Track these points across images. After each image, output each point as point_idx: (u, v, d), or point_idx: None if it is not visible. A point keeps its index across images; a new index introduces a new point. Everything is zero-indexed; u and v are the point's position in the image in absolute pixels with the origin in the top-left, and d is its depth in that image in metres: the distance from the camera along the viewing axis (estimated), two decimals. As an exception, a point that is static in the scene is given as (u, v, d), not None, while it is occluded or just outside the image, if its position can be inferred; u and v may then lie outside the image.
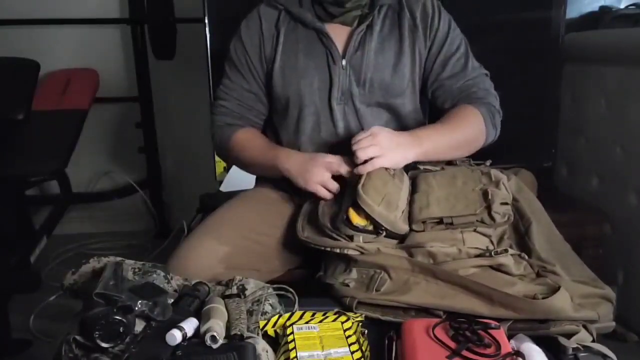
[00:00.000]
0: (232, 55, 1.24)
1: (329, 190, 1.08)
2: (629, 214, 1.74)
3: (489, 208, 0.98)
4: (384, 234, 0.97)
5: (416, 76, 1.21)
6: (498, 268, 0.94)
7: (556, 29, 1.88)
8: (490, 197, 0.99)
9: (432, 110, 1.33)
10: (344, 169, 1.06)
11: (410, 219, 1.01)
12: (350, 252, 0.98)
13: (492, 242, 0.99)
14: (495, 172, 1.07)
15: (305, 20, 1.17)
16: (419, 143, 1.08)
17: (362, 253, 0.97)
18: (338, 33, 1.18)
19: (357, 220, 0.98)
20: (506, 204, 1.01)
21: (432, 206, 1.00)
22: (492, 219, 0.98)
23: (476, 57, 1.27)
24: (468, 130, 1.15)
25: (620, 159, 1.78)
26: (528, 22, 1.91)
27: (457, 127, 1.14)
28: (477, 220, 0.98)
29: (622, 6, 2.17)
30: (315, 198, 1.10)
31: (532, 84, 1.95)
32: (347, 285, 0.95)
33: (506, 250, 0.94)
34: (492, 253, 0.94)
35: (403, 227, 0.99)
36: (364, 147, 1.02)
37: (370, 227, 0.98)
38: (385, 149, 1.02)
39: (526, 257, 0.97)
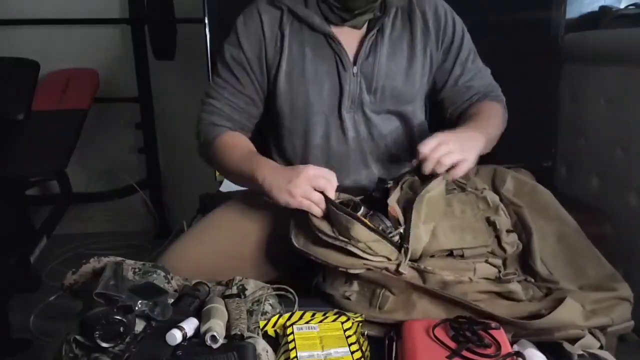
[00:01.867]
0: (226, 56, 1.14)
1: (317, 205, 0.94)
2: (629, 214, 1.74)
3: (498, 238, 0.96)
4: (405, 252, 0.89)
5: (425, 80, 1.18)
6: (507, 296, 0.90)
7: (556, 29, 1.88)
8: (498, 226, 0.96)
9: (432, 112, 1.32)
10: (330, 188, 0.94)
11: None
12: (355, 271, 0.90)
13: (500, 272, 0.95)
14: (491, 196, 1.02)
15: (313, 24, 1.10)
16: (482, 137, 1.04)
17: (368, 269, 0.89)
18: (347, 37, 1.12)
19: (395, 213, 0.93)
20: (512, 231, 0.99)
21: (440, 238, 0.94)
22: (503, 249, 0.95)
23: (476, 58, 1.27)
24: (499, 125, 1.15)
25: (620, 159, 1.78)
26: (528, 22, 1.91)
27: (494, 122, 1.12)
28: (488, 252, 0.95)
29: (622, 6, 2.17)
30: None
31: (532, 84, 1.95)
32: (348, 299, 0.93)
33: (514, 274, 0.92)
34: (502, 276, 0.91)
35: (418, 255, 0.94)
36: (447, 154, 0.95)
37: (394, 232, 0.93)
38: (464, 152, 0.97)
39: (532, 280, 0.95)
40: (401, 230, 0.92)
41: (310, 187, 0.93)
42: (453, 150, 0.96)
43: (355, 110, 1.13)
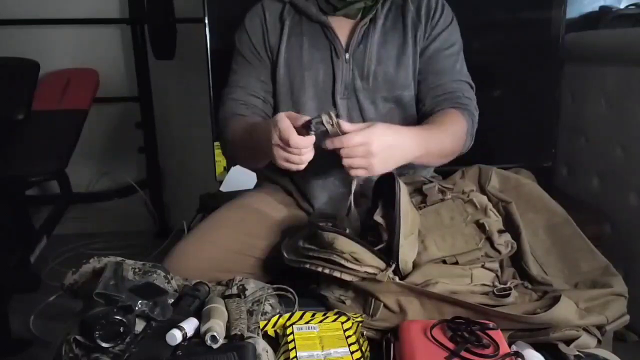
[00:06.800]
0: (238, 47, 1.22)
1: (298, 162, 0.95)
2: (629, 214, 1.74)
3: (490, 240, 0.94)
4: (392, 267, 0.89)
5: (416, 68, 1.19)
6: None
7: (556, 29, 1.88)
8: (488, 228, 0.95)
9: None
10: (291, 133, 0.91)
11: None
12: (347, 278, 0.89)
13: (497, 276, 0.95)
14: (478, 199, 1.00)
15: (310, 14, 1.17)
16: (421, 145, 1.00)
17: (364, 279, 0.89)
18: (342, 26, 1.17)
19: (383, 226, 0.93)
20: (504, 231, 0.97)
21: (431, 248, 0.93)
22: (498, 251, 0.94)
23: (476, 57, 1.26)
24: (455, 140, 1.11)
25: (621, 159, 1.78)
26: (528, 22, 1.91)
27: (448, 134, 1.09)
28: (482, 255, 0.93)
29: (622, 6, 2.18)
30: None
31: (532, 84, 1.95)
32: (343, 302, 0.93)
33: (510, 289, 0.90)
34: (495, 291, 0.89)
35: (410, 267, 0.92)
36: (358, 158, 0.92)
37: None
38: (375, 166, 0.93)
39: (529, 285, 0.94)
40: (385, 241, 0.93)
41: (283, 143, 0.93)
42: (367, 157, 0.92)
43: (349, 96, 1.16)
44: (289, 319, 0.87)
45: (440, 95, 1.16)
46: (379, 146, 0.92)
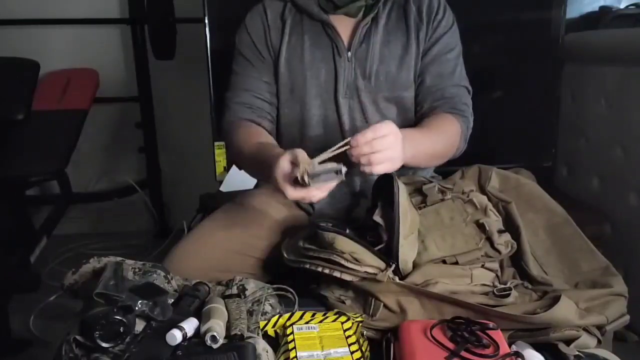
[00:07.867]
0: (238, 47, 1.21)
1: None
2: (629, 214, 1.74)
3: (489, 240, 0.94)
4: (392, 267, 0.88)
5: (417, 68, 1.19)
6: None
7: (556, 29, 1.89)
8: (487, 228, 0.94)
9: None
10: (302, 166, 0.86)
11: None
12: (347, 278, 0.89)
13: (497, 276, 0.95)
14: (478, 199, 1.00)
15: (312, 13, 1.17)
16: (409, 146, 0.95)
17: (364, 279, 0.89)
18: (343, 25, 1.17)
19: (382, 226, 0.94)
20: (504, 231, 0.97)
21: (431, 249, 0.93)
22: (497, 251, 0.93)
23: (476, 57, 1.26)
24: (447, 142, 1.11)
25: (621, 159, 1.78)
26: (528, 22, 1.91)
27: (440, 137, 1.09)
28: (482, 255, 0.93)
29: (622, 6, 2.18)
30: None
31: (532, 84, 1.95)
32: (343, 302, 0.93)
33: (510, 289, 0.90)
34: (495, 291, 0.89)
35: (410, 267, 0.92)
36: (379, 152, 0.87)
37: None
38: (395, 160, 0.89)
39: (529, 285, 0.94)
40: (385, 241, 0.93)
41: (292, 187, 0.88)
42: (394, 146, 0.88)
43: (351, 96, 1.16)
44: (289, 319, 0.87)
45: (438, 99, 1.16)
46: (399, 134, 0.89)
